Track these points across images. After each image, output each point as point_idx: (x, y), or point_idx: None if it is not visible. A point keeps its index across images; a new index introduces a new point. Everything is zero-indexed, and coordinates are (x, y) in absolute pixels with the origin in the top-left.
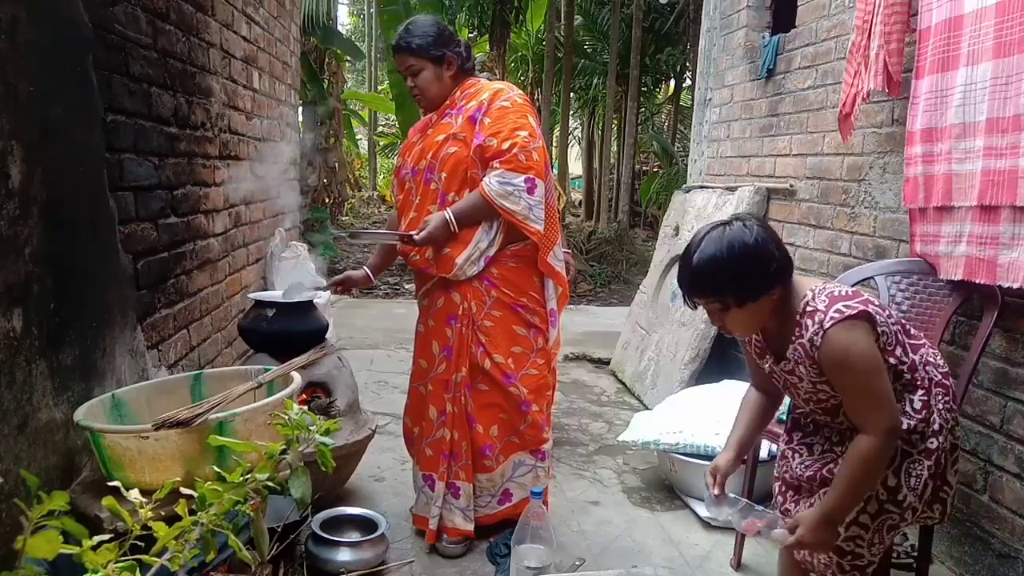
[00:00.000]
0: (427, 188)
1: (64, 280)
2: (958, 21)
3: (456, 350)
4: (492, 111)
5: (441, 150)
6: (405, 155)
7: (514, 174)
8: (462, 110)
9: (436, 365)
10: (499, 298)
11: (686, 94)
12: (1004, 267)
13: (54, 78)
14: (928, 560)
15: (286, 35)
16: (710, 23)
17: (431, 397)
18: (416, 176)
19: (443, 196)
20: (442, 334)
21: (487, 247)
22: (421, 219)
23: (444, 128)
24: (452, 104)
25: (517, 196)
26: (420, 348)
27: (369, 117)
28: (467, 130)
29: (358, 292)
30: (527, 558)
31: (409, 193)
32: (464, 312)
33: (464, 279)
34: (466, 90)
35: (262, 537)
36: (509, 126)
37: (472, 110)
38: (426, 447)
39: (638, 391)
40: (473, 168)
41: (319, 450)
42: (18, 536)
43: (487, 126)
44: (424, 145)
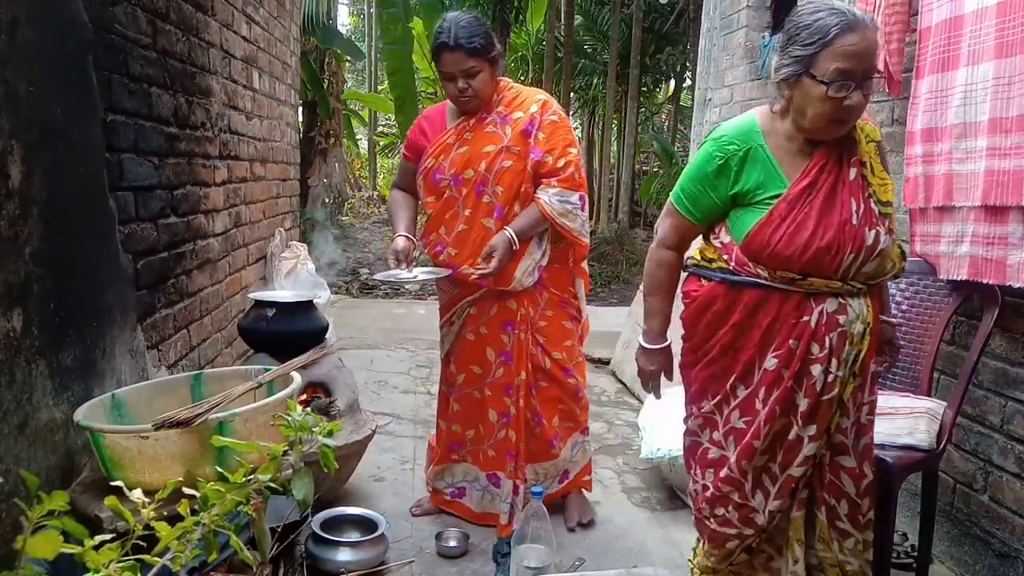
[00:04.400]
0: (479, 200)
1: (64, 280)
2: (958, 21)
3: (516, 355)
4: (545, 125)
5: (495, 163)
6: (440, 157)
7: (571, 192)
8: (508, 120)
9: (493, 371)
10: (550, 298)
11: (686, 94)
12: (1014, 267)
13: (54, 78)
14: (928, 560)
15: (286, 35)
16: (710, 23)
17: (490, 401)
18: (460, 185)
19: (499, 210)
20: (498, 341)
21: (540, 258)
22: (474, 232)
23: (491, 138)
24: (489, 108)
25: (574, 214)
26: (470, 355)
27: (369, 117)
28: (520, 144)
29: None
30: (527, 558)
31: (451, 202)
32: (522, 318)
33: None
34: (502, 92)
35: (263, 537)
36: (562, 143)
37: (523, 123)
38: (488, 448)
39: (638, 391)
40: (527, 182)
41: (322, 451)
42: (18, 536)
43: (542, 141)
44: (470, 153)
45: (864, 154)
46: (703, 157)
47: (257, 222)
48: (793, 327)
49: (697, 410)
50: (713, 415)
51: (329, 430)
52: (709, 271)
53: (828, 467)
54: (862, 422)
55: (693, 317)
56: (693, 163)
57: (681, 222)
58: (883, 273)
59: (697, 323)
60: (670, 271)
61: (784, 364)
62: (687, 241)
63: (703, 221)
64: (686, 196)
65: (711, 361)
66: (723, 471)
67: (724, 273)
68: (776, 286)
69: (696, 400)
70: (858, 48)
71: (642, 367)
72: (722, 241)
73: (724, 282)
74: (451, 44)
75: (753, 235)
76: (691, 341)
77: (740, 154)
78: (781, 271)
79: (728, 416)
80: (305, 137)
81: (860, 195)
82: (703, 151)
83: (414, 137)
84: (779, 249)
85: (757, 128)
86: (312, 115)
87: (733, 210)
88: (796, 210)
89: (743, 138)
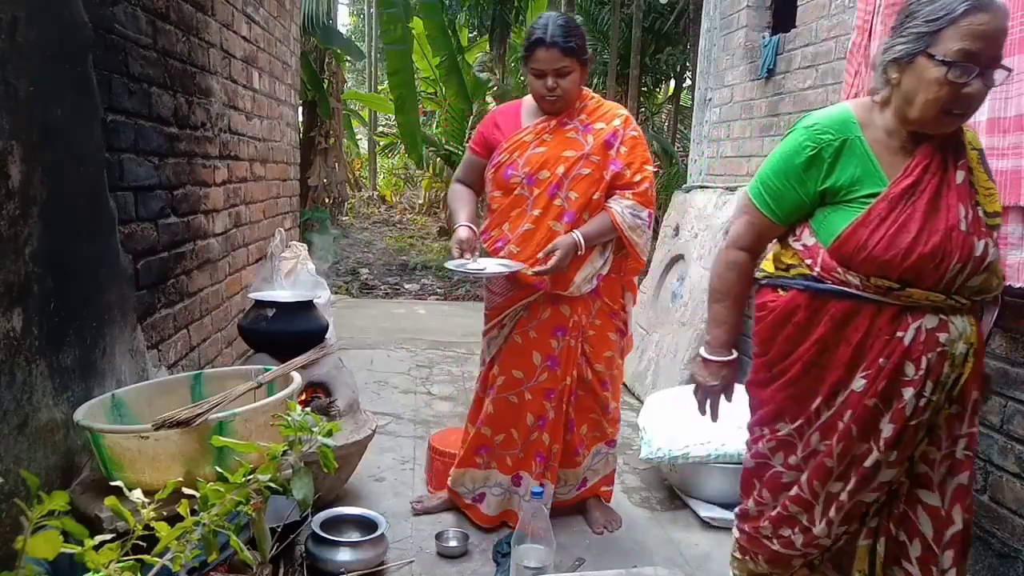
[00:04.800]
0: (550, 202)
1: (64, 280)
2: None
3: (563, 361)
4: (627, 140)
5: (573, 169)
6: (515, 153)
7: (643, 207)
8: (590, 129)
9: (536, 375)
10: (601, 307)
11: (686, 94)
12: (1013, 267)
13: (54, 78)
14: None
15: (286, 35)
16: (710, 23)
17: (530, 405)
18: (534, 184)
19: (570, 215)
20: (546, 345)
21: (601, 266)
22: (539, 233)
23: (571, 143)
24: (572, 113)
25: (643, 229)
26: (514, 358)
27: (369, 117)
28: (601, 154)
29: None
30: (527, 558)
31: (519, 200)
32: (574, 324)
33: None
34: (584, 101)
35: (263, 537)
36: (639, 159)
37: (606, 134)
38: (519, 452)
39: (638, 391)
40: (600, 192)
41: (322, 451)
42: (18, 536)
43: (623, 155)
44: (548, 155)
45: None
46: (791, 147)
47: (257, 222)
48: (886, 344)
49: (771, 433)
50: (791, 439)
51: (329, 430)
52: (787, 280)
53: (904, 498)
54: (957, 457)
55: (769, 331)
56: (777, 154)
57: (759, 220)
58: (989, 289)
59: (773, 337)
60: (742, 275)
61: (872, 384)
62: (764, 242)
63: (784, 220)
64: (767, 191)
65: (791, 381)
66: (793, 490)
67: (807, 280)
68: (868, 296)
69: (770, 422)
70: (987, 29)
71: (702, 382)
72: (805, 244)
73: (807, 291)
74: (547, 41)
75: (847, 236)
76: (765, 357)
77: (835, 145)
78: (876, 279)
79: (809, 439)
80: (305, 137)
81: (968, 201)
82: (791, 141)
83: (486, 131)
84: (877, 252)
85: (853, 119)
86: (312, 115)
87: (820, 209)
88: (898, 211)
89: (838, 128)
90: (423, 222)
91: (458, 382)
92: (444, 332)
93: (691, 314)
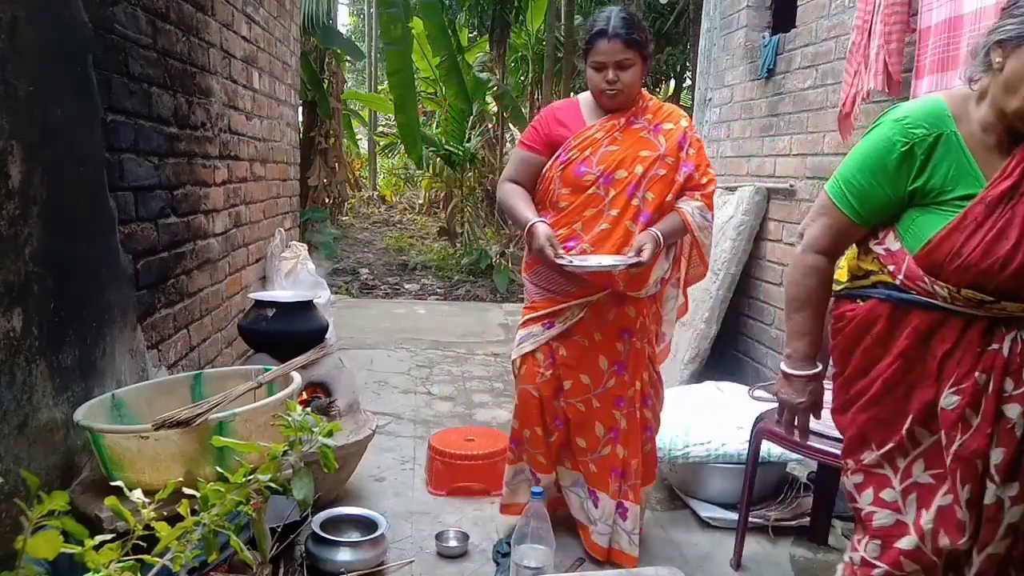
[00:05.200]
0: (628, 203)
1: (64, 280)
2: (958, 21)
3: (631, 365)
4: (694, 142)
5: (651, 170)
6: (587, 151)
7: (709, 210)
8: (659, 129)
9: (604, 380)
10: (655, 312)
11: (686, 94)
12: None
13: (54, 78)
14: None
15: (286, 35)
16: (710, 23)
17: (599, 414)
18: (610, 184)
19: (646, 215)
20: (612, 348)
21: (666, 270)
22: (616, 233)
23: (645, 143)
24: (636, 112)
25: (709, 231)
26: (580, 363)
27: (369, 117)
28: (674, 155)
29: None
30: (527, 558)
31: (594, 200)
32: (641, 326)
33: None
34: (645, 101)
35: (264, 537)
36: (705, 162)
37: (677, 135)
38: (591, 462)
39: None
40: (674, 194)
41: (322, 451)
42: (18, 536)
43: (691, 157)
44: (623, 154)
45: None
46: (879, 142)
47: (257, 222)
48: (978, 356)
49: (856, 463)
50: (880, 469)
51: (329, 430)
52: (866, 290)
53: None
54: None
55: (846, 344)
56: (862, 149)
57: (840, 222)
58: None
59: (851, 350)
60: (822, 281)
61: (970, 403)
62: (844, 246)
63: (868, 222)
64: (851, 190)
65: (872, 400)
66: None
67: (888, 289)
68: (956, 309)
69: (854, 451)
70: None
71: (787, 400)
72: (888, 248)
73: (888, 300)
74: (609, 32)
75: (939, 242)
76: (844, 375)
77: (929, 140)
78: (968, 290)
79: (908, 468)
80: (305, 137)
81: None
82: (878, 135)
83: (547, 127)
84: (972, 261)
85: (947, 111)
86: (312, 115)
87: (908, 210)
88: (996, 215)
89: (933, 121)
90: (423, 222)
91: (458, 382)
92: (444, 332)
93: (690, 314)
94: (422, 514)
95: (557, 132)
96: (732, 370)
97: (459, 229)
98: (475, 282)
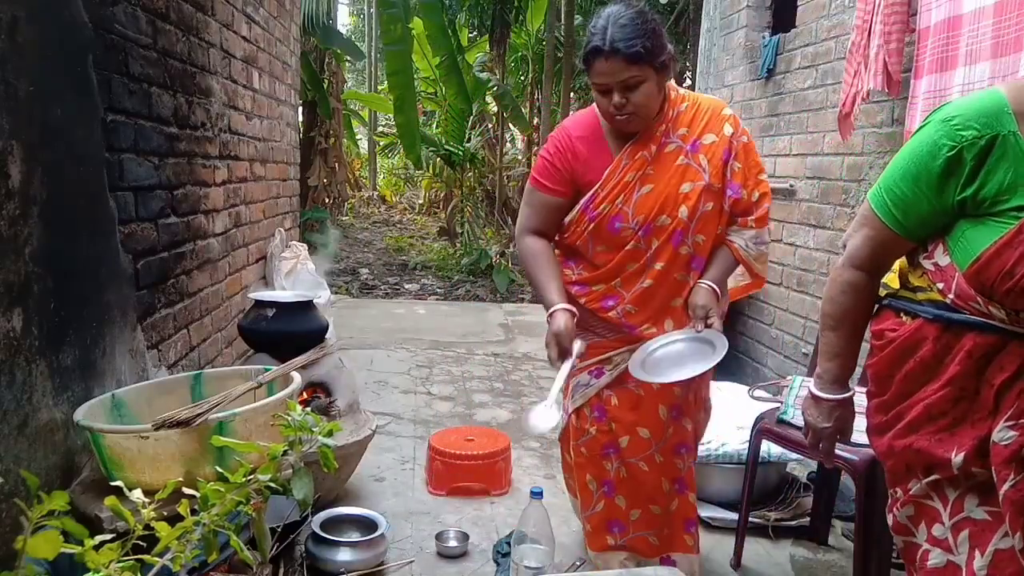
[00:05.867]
0: (676, 252)
1: (64, 280)
2: (957, 21)
3: (686, 409)
4: (739, 151)
5: (698, 207)
6: (618, 200)
7: (765, 231)
8: (699, 146)
9: (665, 430)
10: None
11: None
12: None
13: (54, 78)
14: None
15: (286, 35)
16: (710, 23)
17: (663, 468)
18: (652, 234)
19: (698, 261)
20: (670, 394)
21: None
22: (663, 289)
23: (684, 172)
24: (667, 130)
25: (766, 256)
26: (636, 414)
27: (369, 117)
28: (719, 179)
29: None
30: (527, 558)
31: (635, 255)
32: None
33: None
34: (676, 105)
35: (264, 537)
36: (755, 170)
37: (721, 150)
38: (662, 529)
39: None
40: (723, 225)
41: (322, 451)
42: (18, 536)
43: (738, 172)
44: (661, 194)
45: None
46: (924, 145)
47: (257, 222)
48: None
49: (904, 493)
50: (929, 500)
51: (329, 430)
52: (914, 304)
53: None
54: None
55: (887, 366)
56: (906, 153)
57: (883, 234)
58: None
59: (891, 375)
60: (860, 299)
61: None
62: (889, 261)
63: (913, 235)
64: (893, 200)
65: (910, 427)
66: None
67: (937, 308)
68: (1018, 331)
69: (900, 479)
70: None
71: (812, 423)
72: (937, 263)
73: (937, 320)
74: (605, 49)
75: (988, 259)
76: (882, 398)
77: (981, 143)
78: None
79: (959, 501)
80: (305, 137)
81: None
82: (924, 137)
83: (567, 164)
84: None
85: (1007, 107)
86: (312, 115)
87: (959, 222)
88: None
89: (987, 121)
90: (423, 222)
91: (458, 382)
92: (444, 332)
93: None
94: (422, 514)
95: (574, 168)
96: (732, 370)
97: (459, 229)
98: (475, 282)
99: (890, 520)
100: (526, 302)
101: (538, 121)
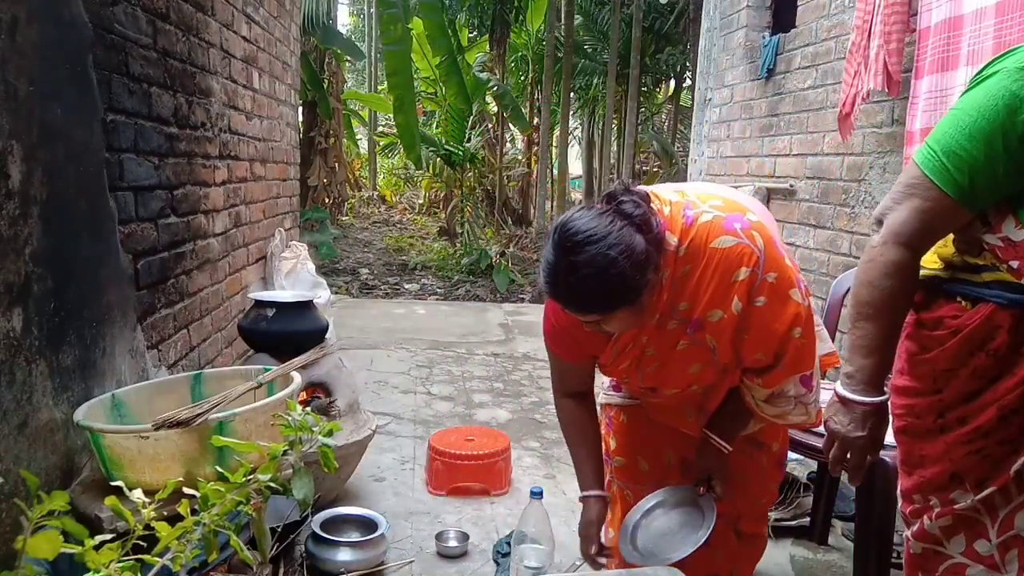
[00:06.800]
0: (686, 409)
1: (64, 280)
2: (958, 21)
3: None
4: (754, 321)
5: (708, 384)
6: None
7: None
8: (704, 325)
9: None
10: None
11: (686, 94)
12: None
13: (54, 78)
14: None
15: (286, 35)
16: (710, 23)
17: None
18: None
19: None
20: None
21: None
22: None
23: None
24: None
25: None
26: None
27: (369, 117)
28: (732, 357)
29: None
30: (527, 558)
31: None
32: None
33: None
34: (678, 269)
35: (264, 537)
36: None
37: (729, 328)
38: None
39: None
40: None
41: (322, 451)
42: (18, 536)
43: (748, 344)
44: (667, 370)
45: None
46: (996, 97)
47: (257, 222)
48: None
49: (944, 504)
50: (977, 515)
51: (329, 430)
52: (975, 288)
53: None
54: None
55: (947, 361)
56: (970, 107)
57: (938, 203)
58: None
59: (954, 369)
60: (908, 282)
61: None
62: (937, 236)
63: (975, 204)
64: (953, 161)
65: (979, 432)
66: None
67: (1010, 292)
68: None
69: (941, 489)
70: None
71: (840, 431)
72: (1008, 238)
73: (1011, 307)
74: (564, 304)
75: None
76: (937, 396)
77: None
78: None
79: (1010, 517)
80: (305, 137)
81: None
82: (994, 87)
83: (564, 336)
84: None
85: None
86: (312, 115)
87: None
88: None
89: None
90: (423, 222)
91: (458, 382)
92: (444, 332)
93: None
94: (422, 514)
95: (584, 344)
96: None
97: (459, 229)
98: (475, 282)
99: (915, 526)
100: (526, 302)
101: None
